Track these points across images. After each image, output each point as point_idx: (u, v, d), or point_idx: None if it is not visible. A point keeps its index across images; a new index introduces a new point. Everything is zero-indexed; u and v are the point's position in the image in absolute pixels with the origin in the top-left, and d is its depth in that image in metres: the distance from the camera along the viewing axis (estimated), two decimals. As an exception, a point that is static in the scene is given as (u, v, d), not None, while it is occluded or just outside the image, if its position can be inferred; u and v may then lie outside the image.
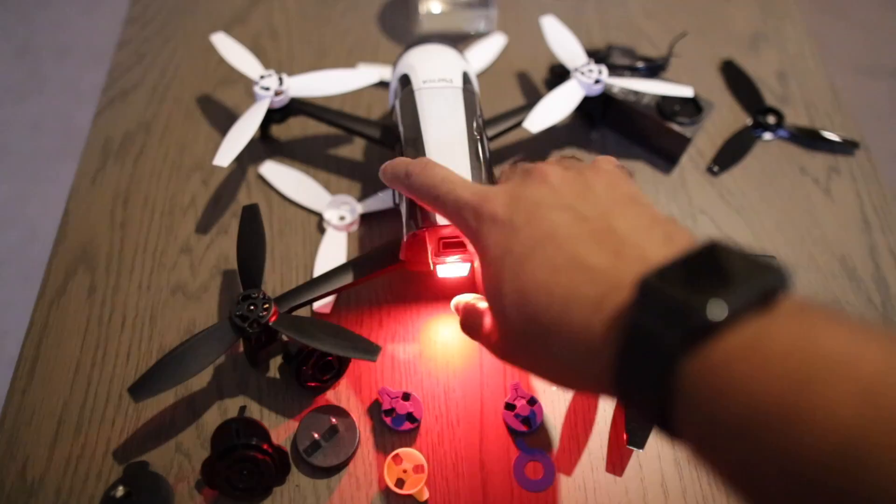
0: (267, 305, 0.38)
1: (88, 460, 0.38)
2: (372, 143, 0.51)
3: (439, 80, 0.44)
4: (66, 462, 0.38)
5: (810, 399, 0.17)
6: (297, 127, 0.54)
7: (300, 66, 0.58)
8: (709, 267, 0.21)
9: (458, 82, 0.44)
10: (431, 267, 0.41)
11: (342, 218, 0.48)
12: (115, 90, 0.57)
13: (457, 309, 0.36)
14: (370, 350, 0.37)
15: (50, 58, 1.53)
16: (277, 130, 0.54)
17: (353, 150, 0.53)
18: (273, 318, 0.38)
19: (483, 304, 0.34)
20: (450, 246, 0.39)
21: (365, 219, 0.49)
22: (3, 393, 0.41)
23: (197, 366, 0.37)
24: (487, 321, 0.32)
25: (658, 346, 0.20)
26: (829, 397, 0.17)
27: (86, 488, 0.38)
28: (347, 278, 0.41)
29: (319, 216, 0.49)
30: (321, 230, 0.48)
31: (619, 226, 0.27)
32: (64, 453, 0.39)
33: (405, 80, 0.45)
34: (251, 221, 0.42)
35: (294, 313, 0.40)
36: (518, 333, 0.27)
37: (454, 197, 0.32)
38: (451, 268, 0.41)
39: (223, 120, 0.55)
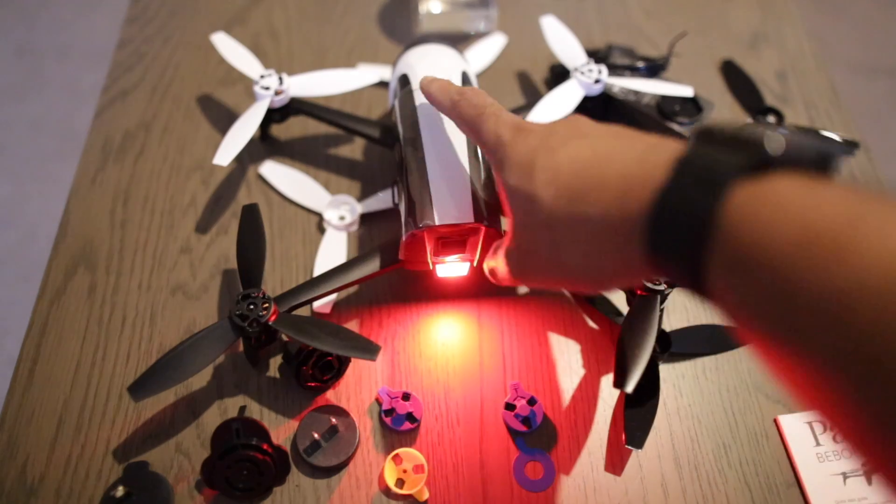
0: (267, 305, 0.38)
1: (88, 460, 0.38)
2: (372, 142, 0.51)
3: (439, 79, 0.44)
4: (66, 462, 0.38)
5: (864, 227, 0.17)
6: (297, 127, 0.54)
7: (300, 66, 0.58)
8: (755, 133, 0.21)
9: (457, 82, 0.44)
10: (430, 266, 0.41)
11: (342, 218, 0.48)
12: (115, 90, 0.57)
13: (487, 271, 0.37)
14: (370, 349, 0.37)
15: (50, 58, 1.53)
16: (277, 130, 0.54)
17: (353, 150, 0.53)
18: (273, 318, 0.38)
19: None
20: (448, 245, 0.39)
21: (365, 219, 0.49)
22: (3, 393, 0.41)
23: (197, 365, 0.37)
24: (502, 251, 0.33)
25: (709, 177, 0.20)
26: (883, 228, 0.17)
27: (86, 488, 0.38)
28: (347, 278, 0.41)
29: (319, 216, 0.49)
30: (321, 230, 0.48)
31: (643, 136, 0.28)
32: (64, 453, 0.39)
33: (404, 80, 0.45)
34: (251, 221, 0.42)
35: (294, 313, 0.40)
36: (544, 221, 0.28)
37: (496, 119, 0.34)
38: (450, 267, 0.41)
39: (223, 120, 0.55)
